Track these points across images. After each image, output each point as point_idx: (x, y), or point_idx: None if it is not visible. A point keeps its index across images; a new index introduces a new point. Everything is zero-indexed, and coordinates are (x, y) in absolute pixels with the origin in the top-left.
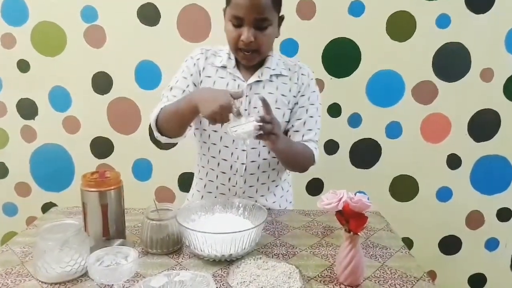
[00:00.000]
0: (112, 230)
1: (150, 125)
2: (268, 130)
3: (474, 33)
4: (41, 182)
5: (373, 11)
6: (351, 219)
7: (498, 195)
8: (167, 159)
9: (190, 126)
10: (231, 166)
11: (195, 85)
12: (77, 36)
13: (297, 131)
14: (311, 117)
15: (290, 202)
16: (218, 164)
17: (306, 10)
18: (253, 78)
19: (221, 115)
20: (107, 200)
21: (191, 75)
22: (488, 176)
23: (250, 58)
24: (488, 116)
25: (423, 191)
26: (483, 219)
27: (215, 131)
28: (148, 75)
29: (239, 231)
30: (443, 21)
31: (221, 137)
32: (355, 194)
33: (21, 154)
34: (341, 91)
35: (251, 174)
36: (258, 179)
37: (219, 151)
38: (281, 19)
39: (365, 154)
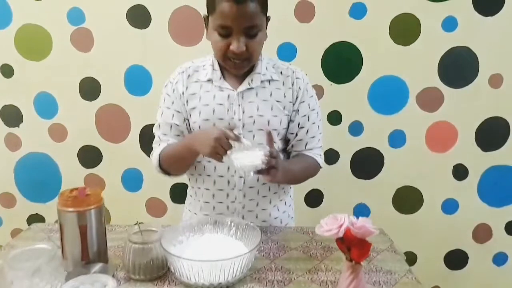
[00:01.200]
0: (92, 253)
1: (139, 135)
2: (271, 165)
3: (482, 37)
4: (26, 192)
5: (375, 13)
6: (353, 247)
7: (507, 207)
8: None
9: None
10: (228, 182)
11: (179, 111)
12: (63, 39)
13: (300, 140)
14: (313, 123)
15: (292, 218)
16: (214, 182)
17: (305, 13)
18: (244, 85)
19: (220, 147)
20: (86, 221)
21: (172, 103)
22: (497, 187)
23: (240, 67)
24: (497, 124)
25: (428, 203)
26: (491, 232)
27: (207, 119)
28: (138, 80)
29: (229, 259)
30: (449, 24)
31: (213, 124)
32: (354, 213)
33: (5, 163)
34: (342, 98)
35: (251, 187)
36: (258, 192)
37: (214, 168)
38: (267, 20)
39: (367, 164)
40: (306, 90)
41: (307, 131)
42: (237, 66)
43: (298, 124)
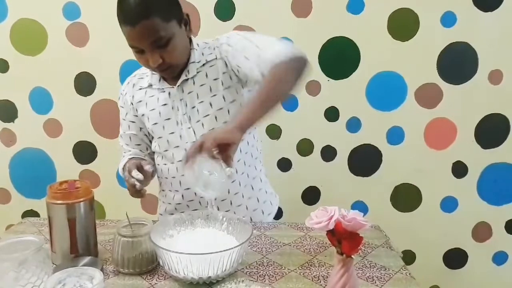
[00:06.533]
0: (81, 246)
1: None
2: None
3: (481, 32)
4: (21, 188)
5: (373, 8)
6: (344, 240)
7: (507, 206)
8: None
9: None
10: (195, 193)
11: (133, 121)
12: (58, 34)
13: (247, 72)
14: (242, 49)
15: (274, 204)
16: (180, 182)
17: (302, 7)
18: (181, 79)
19: (132, 189)
20: (75, 214)
21: (126, 114)
22: (496, 185)
23: (170, 73)
24: (496, 121)
25: (426, 201)
26: (490, 231)
27: (156, 123)
28: None
29: (217, 252)
30: (448, 19)
31: (163, 126)
32: (348, 211)
33: (0, 159)
34: (339, 94)
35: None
36: (229, 191)
37: (176, 169)
38: (184, 19)
39: (365, 161)
40: (228, 44)
41: (247, 60)
42: (167, 73)
43: (237, 69)
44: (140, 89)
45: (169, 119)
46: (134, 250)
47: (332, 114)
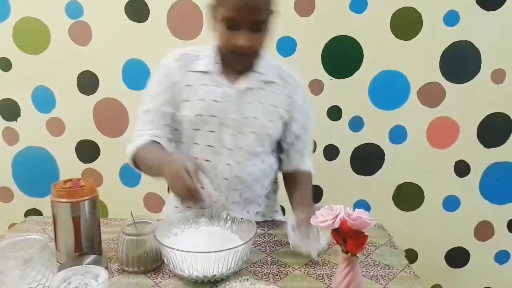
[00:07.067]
0: (85, 245)
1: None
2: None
3: (484, 32)
4: (24, 187)
5: (376, 7)
6: (349, 239)
7: (509, 205)
8: None
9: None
10: (216, 152)
11: (171, 100)
12: (61, 33)
13: (296, 151)
14: (309, 133)
15: (277, 211)
16: (202, 150)
17: (305, 6)
18: (242, 83)
19: (191, 197)
20: (80, 212)
21: (166, 89)
22: (499, 184)
23: (243, 61)
24: (499, 120)
25: (429, 200)
26: (493, 230)
27: (200, 114)
28: (136, 74)
29: (222, 250)
30: (451, 18)
31: (205, 121)
32: (354, 210)
33: (2, 158)
34: (342, 93)
35: (234, 189)
36: (227, 199)
37: (203, 136)
38: (274, 15)
39: (367, 160)
40: (304, 99)
41: (303, 141)
42: (241, 60)
43: (296, 134)
44: (192, 71)
45: (215, 116)
46: (138, 248)
47: (334, 113)
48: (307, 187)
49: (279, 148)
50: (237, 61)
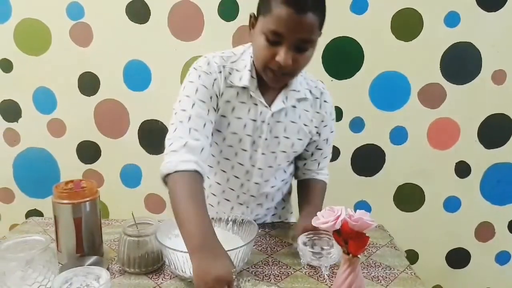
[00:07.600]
0: (86, 246)
1: (138, 130)
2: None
3: (485, 33)
4: (25, 188)
5: (377, 8)
6: (350, 240)
7: (510, 206)
8: (157, 164)
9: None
10: (247, 171)
11: (214, 110)
12: (62, 34)
13: (314, 159)
14: (330, 145)
15: (291, 213)
16: (233, 167)
17: None
18: (278, 104)
19: None
20: (81, 213)
21: (211, 98)
22: (500, 185)
23: (279, 81)
24: (500, 121)
25: (429, 201)
26: (493, 231)
27: (235, 133)
28: (137, 75)
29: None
30: (452, 19)
31: (240, 139)
32: (355, 210)
33: (3, 159)
34: (343, 94)
35: (259, 204)
36: (262, 205)
37: (236, 153)
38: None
39: (368, 161)
40: (331, 114)
41: (323, 152)
42: (277, 79)
43: (317, 146)
44: (231, 86)
45: (249, 135)
46: (140, 249)
47: (335, 114)
48: (319, 198)
49: (298, 156)
50: (270, 79)
